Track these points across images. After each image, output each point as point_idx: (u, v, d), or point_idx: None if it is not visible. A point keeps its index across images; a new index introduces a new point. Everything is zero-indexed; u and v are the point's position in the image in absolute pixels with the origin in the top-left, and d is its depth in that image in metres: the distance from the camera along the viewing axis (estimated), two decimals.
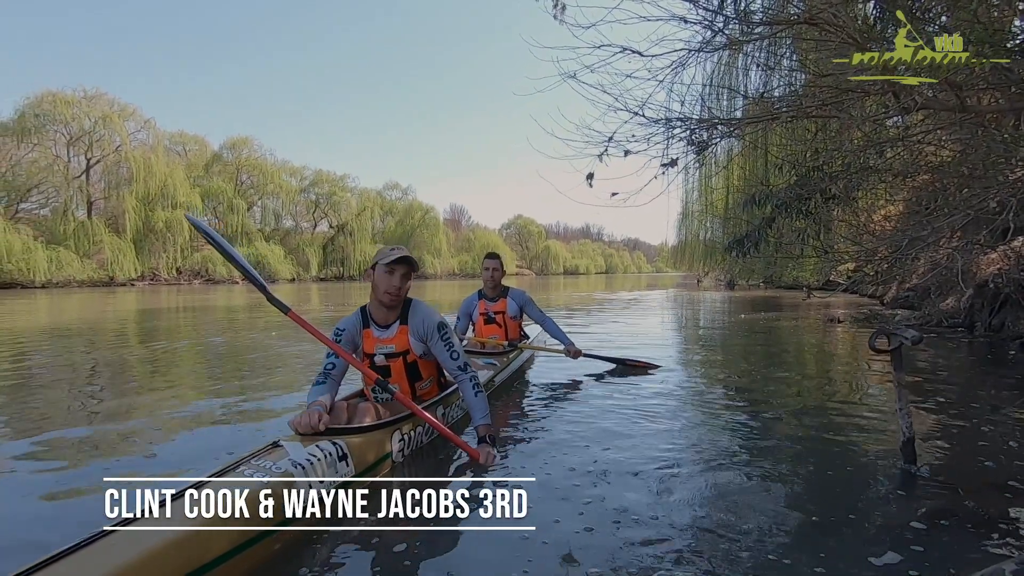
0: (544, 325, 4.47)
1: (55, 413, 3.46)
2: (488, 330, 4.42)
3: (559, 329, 4.43)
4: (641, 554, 1.61)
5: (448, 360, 2.54)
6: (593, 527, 1.78)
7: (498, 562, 1.60)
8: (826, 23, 3.33)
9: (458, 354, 2.55)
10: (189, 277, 40.05)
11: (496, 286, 4.39)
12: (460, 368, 2.53)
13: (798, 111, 4.02)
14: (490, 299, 4.43)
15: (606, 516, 1.85)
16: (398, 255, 2.43)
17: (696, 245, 20.74)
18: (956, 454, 2.57)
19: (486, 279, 4.37)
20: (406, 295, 2.54)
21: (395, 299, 2.47)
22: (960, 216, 3.86)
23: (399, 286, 2.43)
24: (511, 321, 4.42)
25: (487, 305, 4.43)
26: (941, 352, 5.47)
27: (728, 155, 9.31)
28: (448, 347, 2.53)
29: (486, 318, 4.42)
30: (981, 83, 3.31)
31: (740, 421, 3.11)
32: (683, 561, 1.58)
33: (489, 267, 4.36)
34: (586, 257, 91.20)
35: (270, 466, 1.77)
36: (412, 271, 2.47)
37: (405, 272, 2.45)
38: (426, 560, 1.62)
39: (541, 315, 4.43)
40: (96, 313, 12.98)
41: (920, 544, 1.66)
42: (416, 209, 57.99)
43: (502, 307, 4.40)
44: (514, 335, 4.44)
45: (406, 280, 2.46)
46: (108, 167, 38.23)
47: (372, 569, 1.60)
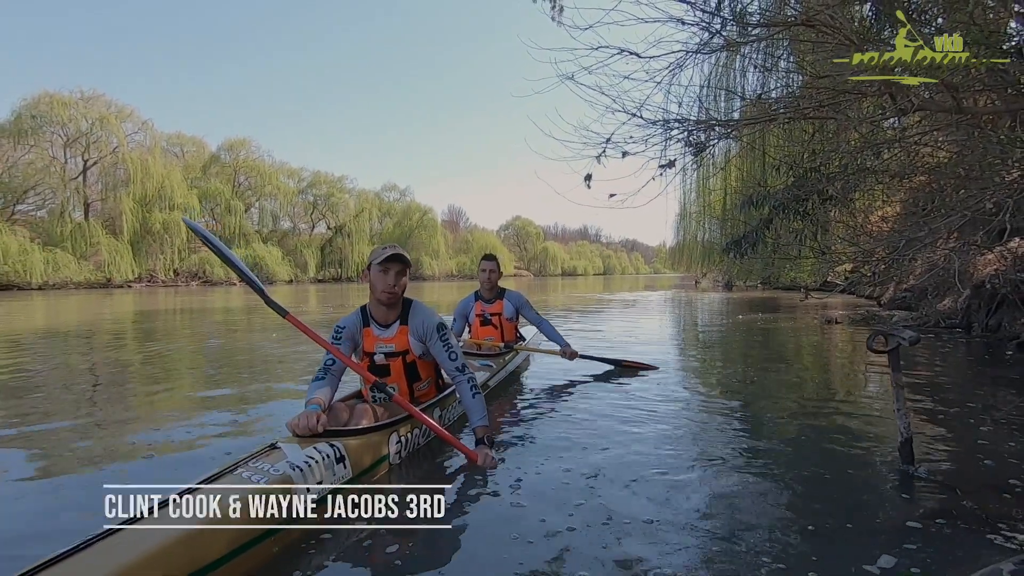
0: (540, 327, 4.47)
1: (53, 414, 3.45)
2: (484, 332, 4.43)
3: (555, 331, 4.44)
4: (634, 556, 1.61)
5: (446, 361, 2.55)
6: (587, 529, 1.77)
7: (490, 563, 1.59)
8: (823, 24, 3.34)
9: (456, 355, 2.55)
10: (186, 279, 39.97)
11: (493, 288, 4.39)
12: (458, 369, 2.53)
13: (795, 112, 4.03)
14: (486, 301, 4.44)
15: (600, 518, 1.85)
16: (390, 252, 2.44)
17: (694, 246, 20.76)
18: (954, 454, 2.57)
19: (483, 280, 4.37)
20: (403, 292, 2.55)
21: (393, 297, 2.48)
22: (957, 217, 3.88)
23: (394, 284, 2.45)
24: (507, 323, 4.43)
25: (483, 307, 4.44)
26: (938, 353, 5.48)
27: (726, 156, 9.33)
28: (447, 348, 2.54)
29: (482, 320, 4.43)
30: (977, 85, 3.33)
31: (738, 422, 3.11)
32: (678, 562, 1.58)
33: (486, 268, 4.36)
34: (584, 258, 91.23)
35: (268, 468, 1.76)
36: (406, 268, 2.48)
37: (399, 269, 2.46)
38: (420, 561, 1.62)
39: (537, 317, 4.43)
40: (93, 315, 12.94)
41: (918, 544, 1.66)
42: (414, 210, 58.00)
43: (498, 309, 4.41)
44: (510, 337, 4.45)
45: (401, 277, 2.47)
46: (105, 168, 38.14)
47: (369, 570, 1.60)
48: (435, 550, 1.68)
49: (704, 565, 1.57)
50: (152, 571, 1.29)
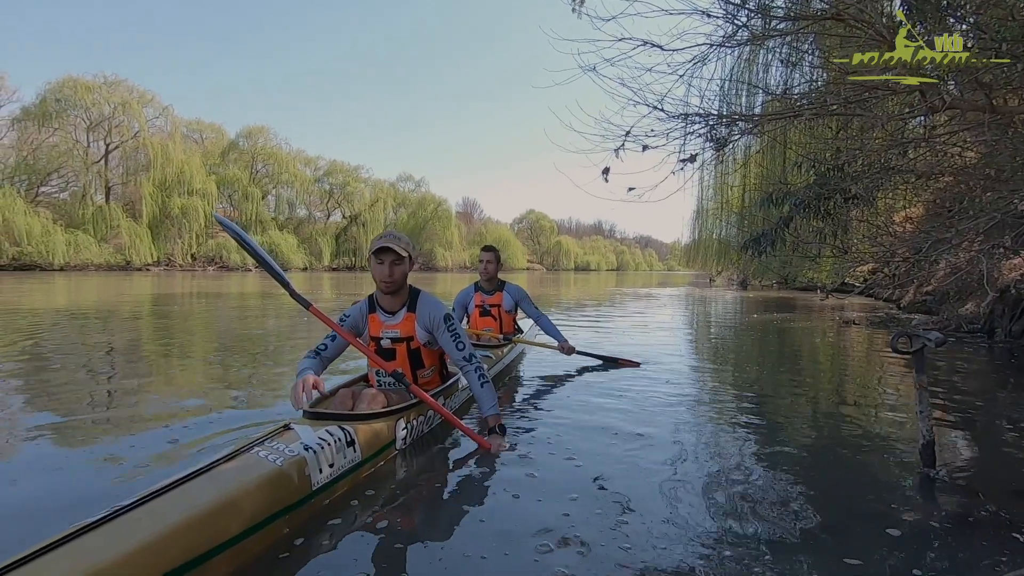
0: (539, 322, 4.50)
1: (71, 391, 3.51)
2: (483, 322, 4.45)
3: (553, 326, 4.46)
4: (641, 553, 1.60)
5: (454, 351, 2.57)
6: (596, 523, 1.76)
7: (497, 551, 1.59)
8: (852, 19, 3.27)
9: (464, 344, 2.57)
10: (203, 263, 40.53)
11: (492, 279, 4.42)
12: (465, 359, 2.55)
13: (821, 108, 3.95)
14: (486, 292, 4.47)
15: (610, 515, 1.83)
16: (380, 244, 2.44)
17: (710, 243, 20.57)
18: (976, 458, 2.52)
19: (481, 271, 4.41)
20: (403, 280, 2.54)
21: (391, 285, 2.48)
22: (985, 219, 3.79)
23: (389, 272, 2.45)
24: (506, 315, 4.45)
25: (483, 297, 4.47)
26: (960, 357, 5.38)
27: (746, 153, 9.21)
28: (454, 337, 2.57)
29: (482, 310, 4.46)
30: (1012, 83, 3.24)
31: (751, 421, 3.08)
32: (688, 561, 1.56)
33: (484, 259, 4.40)
34: (598, 254, 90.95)
35: (284, 448, 1.78)
36: (399, 256, 2.45)
37: (393, 259, 2.45)
38: (427, 546, 1.62)
39: (536, 312, 4.47)
40: (113, 296, 13.16)
41: (939, 548, 1.63)
42: (429, 201, 58.17)
43: (498, 300, 4.43)
44: (509, 328, 4.47)
45: (396, 266, 2.46)
46: (126, 153, 38.74)
47: (377, 553, 1.61)
48: (442, 535, 1.69)
49: (717, 566, 1.55)
50: (173, 547, 1.31)
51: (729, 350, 6.32)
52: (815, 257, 5.84)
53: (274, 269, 2.31)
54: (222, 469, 1.61)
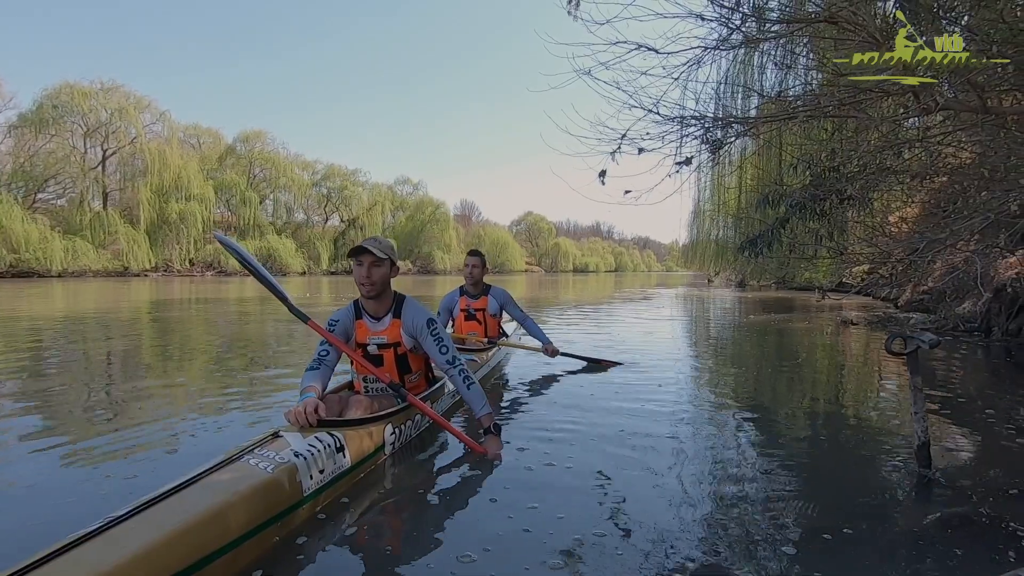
0: (524, 324, 4.52)
1: (67, 398, 3.50)
2: (468, 326, 4.46)
3: (538, 328, 4.49)
4: (640, 553, 1.60)
5: (437, 355, 2.57)
6: (592, 523, 1.76)
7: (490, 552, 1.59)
8: (846, 21, 3.28)
9: (447, 348, 2.57)
10: (202, 269, 40.44)
11: (477, 283, 4.44)
12: (449, 362, 2.55)
13: (815, 110, 3.96)
14: (471, 296, 4.48)
15: (596, 516, 1.83)
16: (357, 246, 2.44)
17: (707, 244, 20.56)
18: (972, 459, 2.53)
19: (466, 275, 4.43)
20: (385, 284, 2.51)
21: (369, 289, 2.46)
22: (979, 219, 3.80)
23: (367, 274, 2.43)
24: (491, 319, 4.46)
25: (468, 302, 4.48)
26: (957, 356, 5.39)
27: (742, 154, 9.22)
28: (437, 342, 2.57)
29: (467, 314, 4.47)
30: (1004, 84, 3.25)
31: (748, 421, 3.08)
32: (684, 562, 1.56)
33: (469, 264, 4.42)
34: (596, 255, 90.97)
35: (274, 456, 1.79)
36: (378, 259, 2.44)
37: (372, 261, 2.43)
38: (420, 550, 1.62)
39: (522, 314, 4.49)
40: (111, 303, 13.14)
41: (935, 549, 1.63)
42: (427, 204, 58.12)
43: (483, 304, 4.45)
44: (493, 332, 4.48)
45: (375, 268, 2.44)
46: (123, 159, 38.66)
47: (368, 558, 1.61)
48: (433, 538, 1.69)
49: (712, 566, 1.55)
50: (167, 556, 1.30)
51: (726, 350, 6.32)
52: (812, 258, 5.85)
53: (274, 286, 2.37)
54: (214, 477, 1.61)
